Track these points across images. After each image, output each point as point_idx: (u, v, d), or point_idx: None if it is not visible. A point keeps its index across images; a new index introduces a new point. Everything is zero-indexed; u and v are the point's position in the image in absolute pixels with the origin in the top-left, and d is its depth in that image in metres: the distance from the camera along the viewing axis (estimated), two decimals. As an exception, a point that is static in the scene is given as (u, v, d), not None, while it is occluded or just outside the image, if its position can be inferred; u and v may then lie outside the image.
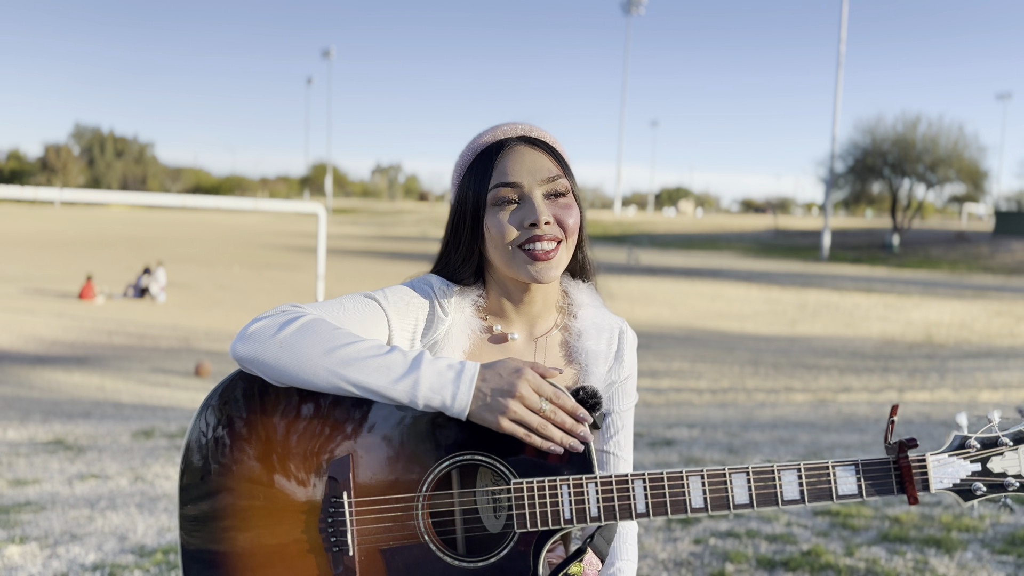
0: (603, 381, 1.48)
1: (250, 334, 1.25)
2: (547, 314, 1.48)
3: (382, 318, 1.36)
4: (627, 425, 1.54)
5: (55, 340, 14.71)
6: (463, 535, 1.30)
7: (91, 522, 4.37)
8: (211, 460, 1.28)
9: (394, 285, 1.43)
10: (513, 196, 1.37)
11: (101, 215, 67.32)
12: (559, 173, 1.40)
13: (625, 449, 1.53)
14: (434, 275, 1.47)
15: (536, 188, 1.38)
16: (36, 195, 8.73)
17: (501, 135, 1.43)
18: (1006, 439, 1.22)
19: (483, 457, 1.26)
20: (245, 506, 1.28)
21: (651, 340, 16.06)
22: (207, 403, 1.30)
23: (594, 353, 1.47)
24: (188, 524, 1.29)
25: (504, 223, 1.36)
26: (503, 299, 1.45)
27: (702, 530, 4.23)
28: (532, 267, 1.36)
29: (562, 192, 1.40)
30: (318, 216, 9.67)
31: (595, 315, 1.50)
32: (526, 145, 1.41)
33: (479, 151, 1.42)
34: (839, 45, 50.72)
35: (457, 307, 1.42)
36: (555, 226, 1.37)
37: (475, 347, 1.43)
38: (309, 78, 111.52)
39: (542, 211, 1.35)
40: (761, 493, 1.23)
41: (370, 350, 1.23)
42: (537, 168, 1.39)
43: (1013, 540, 4.00)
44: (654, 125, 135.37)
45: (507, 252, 1.37)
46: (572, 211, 1.39)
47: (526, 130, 1.44)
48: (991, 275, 36.72)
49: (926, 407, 9.90)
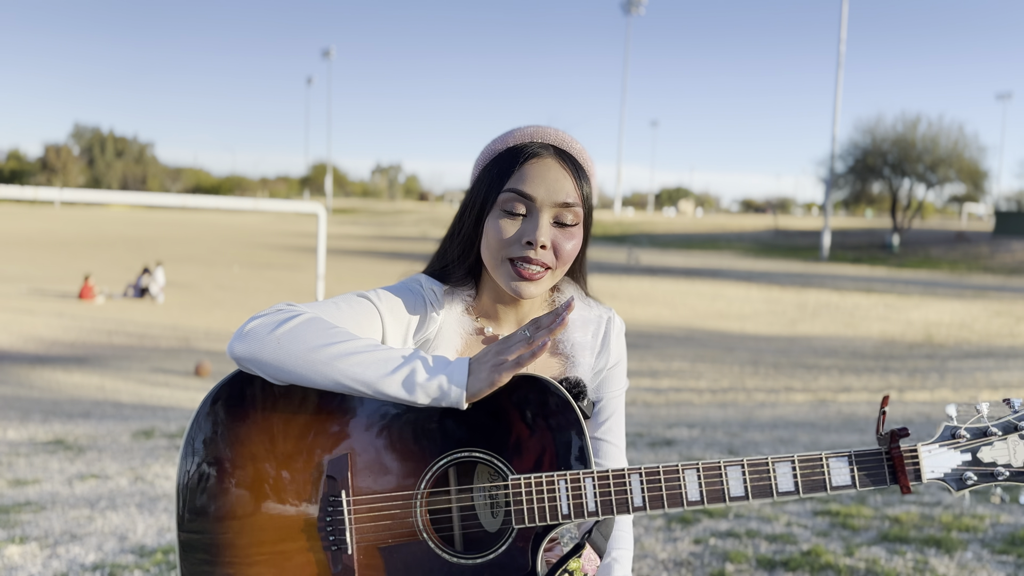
0: (590, 370, 1.49)
1: (247, 332, 1.25)
2: (535, 312, 1.49)
3: (376, 317, 1.36)
4: (618, 411, 1.55)
5: (55, 340, 14.71)
6: (461, 532, 1.31)
7: (91, 522, 4.37)
8: (210, 458, 1.29)
9: (386, 285, 1.43)
10: (521, 208, 1.36)
11: (101, 215, 67.32)
12: (576, 201, 1.37)
13: (617, 435, 1.54)
14: (423, 275, 1.47)
15: (547, 209, 1.36)
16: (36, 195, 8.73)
17: (535, 139, 1.40)
18: (995, 429, 1.24)
19: (481, 454, 1.26)
20: (244, 505, 1.28)
21: (651, 340, 16.06)
22: (207, 401, 1.30)
23: (580, 344, 1.48)
24: (186, 522, 1.29)
25: (503, 230, 1.35)
26: (495, 298, 1.46)
27: (702, 530, 4.23)
28: (515, 283, 1.36)
29: (572, 223, 1.37)
30: (318, 216, 9.67)
31: (580, 308, 1.51)
32: (555, 159, 1.38)
33: (508, 147, 1.41)
34: (839, 45, 50.73)
35: (448, 306, 1.43)
36: (550, 252, 1.36)
37: (467, 346, 1.44)
38: (309, 78, 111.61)
39: (543, 234, 1.34)
40: (756, 485, 1.24)
41: (366, 346, 1.24)
42: (556, 189, 1.36)
43: (1013, 540, 4.00)
44: (654, 125, 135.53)
45: (497, 258, 1.37)
46: (573, 240, 1.38)
47: (561, 141, 1.40)
48: (991, 275, 36.71)
49: (926, 407, 9.90)
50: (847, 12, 50.44)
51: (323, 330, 1.24)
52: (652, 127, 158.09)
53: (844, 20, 50.40)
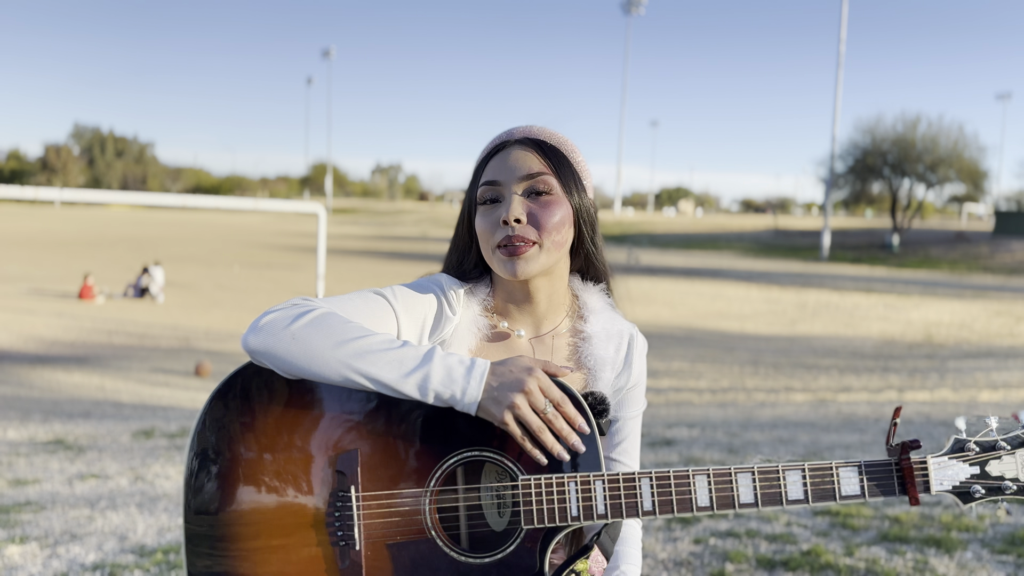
0: (610, 387, 1.46)
1: (262, 326, 1.25)
2: (553, 315, 1.46)
3: (391, 315, 1.35)
4: (634, 433, 1.51)
5: (55, 340, 14.71)
6: (468, 531, 1.31)
7: (91, 522, 4.37)
8: (218, 451, 1.28)
9: (403, 283, 1.43)
10: (491, 195, 1.37)
11: (101, 215, 67.30)
12: (542, 170, 1.36)
13: (631, 457, 1.51)
14: (444, 274, 1.47)
15: (514, 186, 1.36)
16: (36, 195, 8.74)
17: (506, 137, 1.43)
18: (1004, 443, 1.24)
19: (491, 453, 1.26)
20: (251, 498, 1.28)
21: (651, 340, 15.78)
22: (215, 396, 1.29)
23: (602, 359, 1.45)
24: (193, 517, 1.29)
25: (484, 221, 1.37)
26: (507, 298, 1.45)
27: (702, 530, 4.23)
28: (506, 263, 1.35)
29: (544, 190, 1.36)
30: (318, 216, 9.68)
31: (605, 320, 1.48)
32: (519, 147, 1.39)
33: (484, 152, 1.43)
34: (839, 45, 50.72)
35: (465, 305, 1.42)
36: (529, 226, 1.34)
37: (481, 345, 1.43)
38: (309, 78, 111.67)
39: (514, 210, 1.34)
40: (766, 493, 1.24)
41: (382, 343, 1.23)
42: (519, 166, 1.36)
43: (1013, 540, 4.00)
44: (654, 125, 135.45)
45: (488, 252, 1.38)
46: (552, 208, 1.35)
47: (529, 131, 1.42)
48: (991, 275, 36.71)
49: (926, 407, 9.90)
50: (847, 12, 50.48)
51: (339, 326, 1.24)
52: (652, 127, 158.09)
53: (844, 20, 50.41)
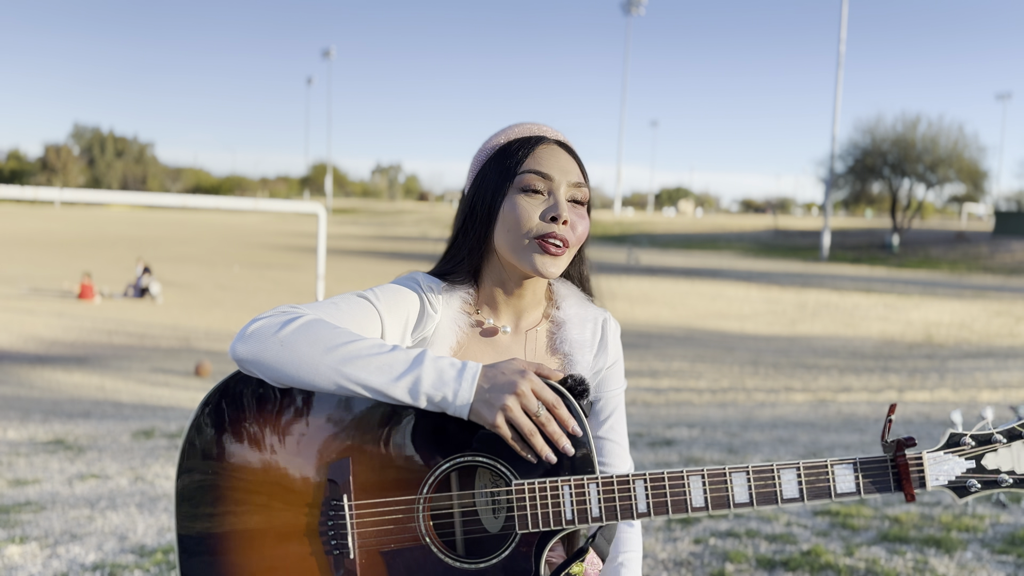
0: (589, 369, 1.50)
1: (250, 334, 1.24)
2: (534, 308, 1.50)
3: (375, 316, 1.36)
4: (619, 408, 1.56)
5: (55, 340, 14.71)
6: (462, 536, 1.30)
7: (91, 522, 4.37)
8: (209, 462, 1.27)
9: (383, 284, 1.43)
10: (541, 187, 1.40)
11: (101, 215, 67.29)
12: (582, 182, 1.44)
13: (619, 433, 1.55)
14: (420, 273, 1.48)
15: (564, 188, 1.41)
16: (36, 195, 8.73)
17: (540, 132, 1.47)
18: (999, 436, 1.24)
19: (484, 458, 1.25)
20: (244, 508, 1.27)
21: (651, 340, 16.07)
22: (205, 403, 1.28)
23: (579, 342, 1.49)
24: (186, 525, 1.28)
25: (527, 209, 1.38)
26: (496, 289, 1.46)
27: (702, 530, 4.23)
28: (541, 258, 1.37)
29: (582, 201, 1.44)
30: (318, 216, 9.68)
31: (577, 305, 1.53)
32: (562, 149, 1.45)
33: (514, 139, 1.45)
34: (839, 45, 50.72)
35: (445, 303, 1.43)
36: (569, 229, 1.40)
37: (464, 341, 1.44)
38: (309, 78, 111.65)
39: (564, 209, 1.38)
40: (761, 492, 1.24)
41: (371, 348, 1.23)
42: (569, 170, 1.42)
43: (1013, 540, 4.00)
44: (654, 125, 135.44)
45: (519, 239, 1.38)
46: (584, 221, 1.43)
47: (558, 135, 1.48)
48: (991, 275, 36.71)
49: (926, 407, 9.90)
50: (847, 12, 50.49)
51: (327, 332, 1.24)
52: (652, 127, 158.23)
53: (844, 20, 50.40)
